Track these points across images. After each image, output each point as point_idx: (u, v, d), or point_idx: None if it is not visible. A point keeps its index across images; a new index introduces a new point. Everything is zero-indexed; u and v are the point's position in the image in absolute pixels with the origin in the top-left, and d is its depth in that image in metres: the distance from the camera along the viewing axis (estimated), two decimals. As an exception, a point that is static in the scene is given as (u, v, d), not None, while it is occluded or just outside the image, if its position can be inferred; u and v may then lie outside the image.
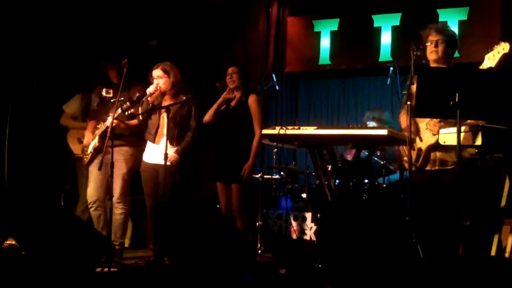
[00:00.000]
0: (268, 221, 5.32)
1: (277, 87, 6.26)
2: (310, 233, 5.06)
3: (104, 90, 5.11)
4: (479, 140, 3.46)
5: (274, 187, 6.18)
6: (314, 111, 7.47)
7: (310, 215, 5.12)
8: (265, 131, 4.43)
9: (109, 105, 5.13)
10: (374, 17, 6.97)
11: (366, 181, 5.36)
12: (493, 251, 3.82)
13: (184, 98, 4.91)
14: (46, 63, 6.33)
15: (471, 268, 3.15)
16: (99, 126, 5.14)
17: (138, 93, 5.06)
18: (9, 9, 6.11)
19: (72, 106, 5.78)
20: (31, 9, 6.30)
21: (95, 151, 5.09)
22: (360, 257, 4.20)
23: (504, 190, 3.85)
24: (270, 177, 6.12)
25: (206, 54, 7.30)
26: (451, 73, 3.56)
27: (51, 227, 3.91)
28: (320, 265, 4.44)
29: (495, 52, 3.73)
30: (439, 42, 4.03)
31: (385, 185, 5.41)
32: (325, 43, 7.21)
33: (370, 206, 5.17)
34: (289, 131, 4.20)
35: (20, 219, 4.02)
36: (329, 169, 5.06)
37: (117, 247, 5.04)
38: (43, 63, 6.30)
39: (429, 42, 4.03)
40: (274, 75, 6.18)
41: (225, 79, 5.00)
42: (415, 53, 3.89)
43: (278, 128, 4.26)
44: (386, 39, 6.89)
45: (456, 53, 4.31)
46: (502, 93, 3.40)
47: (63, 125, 5.79)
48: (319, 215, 5.02)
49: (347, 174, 5.04)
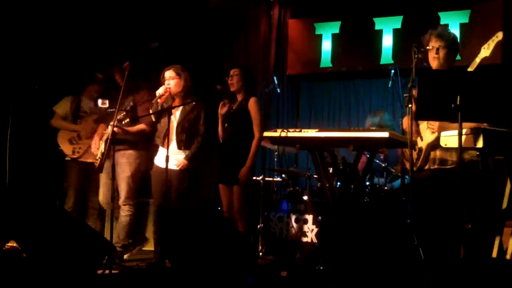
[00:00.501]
0: (269, 223, 5.32)
1: (278, 90, 6.26)
2: (311, 235, 5.05)
3: (100, 100, 5.10)
4: (481, 142, 3.46)
5: (275, 189, 6.18)
6: (315, 114, 7.45)
7: (311, 217, 5.12)
8: (266, 134, 4.42)
9: (108, 112, 5.14)
10: (375, 19, 6.97)
11: (367, 183, 5.36)
12: (494, 253, 3.82)
13: (193, 102, 4.95)
14: (47, 65, 6.34)
15: (472, 270, 3.15)
16: (105, 131, 5.15)
17: (146, 95, 5.10)
18: (12, 10, 6.13)
19: (62, 107, 5.75)
20: (33, 11, 6.32)
21: (103, 156, 5.10)
22: (361, 259, 4.20)
23: (505, 192, 3.85)
24: (271, 179, 6.13)
25: (207, 56, 7.30)
26: (452, 75, 3.56)
27: (51, 228, 3.91)
28: (321, 267, 4.44)
29: (490, 41, 3.76)
30: (440, 48, 4.02)
31: (386, 187, 5.41)
32: (327, 45, 7.21)
33: (371, 208, 5.16)
34: (290, 134, 4.20)
35: (20, 221, 4.02)
36: (331, 171, 5.07)
37: (118, 249, 5.04)
38: (45, 65, 6.31)
39: (430, 47, 4.03)
40: (275, 78, 6.19)
41: (226, 82, 5.01)
42: (416, 55, 3.89)
43: (279, 130, 4.26)
44: (387, 41, 6.89)
45: (457, 56, 4.31)
46: (503, 96, 3.40)
47: (54, 126, 5.74)
48: (320, 217, 5.02)
49: (348, 176, 5.04)
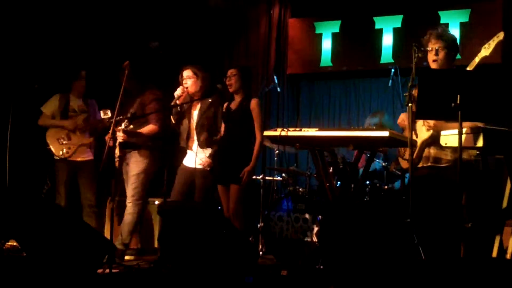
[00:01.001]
0: (269, 222, 5.32)
1: (278, 89, 6.26)
2: (311, 234, 5.05)
3: (101, 111, 5.10)
4: (481, 141, 3.46)
5: (275, 188, 6.18)
6: (315, 113, 7.46)
7: (311, 216, 5.12)
8: (266, 133, 4.43)
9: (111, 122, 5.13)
10: (375, 19, 6.97)
11: (367, 182, 5.35)
12: (495, 253, 3.82)
13: (209, 100, 5.00)
14: (47, 65, 6.34)
15: (473, 269, 3.15)
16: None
17: (151, 95, 5.11)
18: (12, 10, 6.13)
19: (49, 106, 5.72)
20: (33, 11, 6.32)
21: (120, 160, 5.08)
22: (361, 258, 4.19)
23: (505, 191, 3.85)
24: (271, 178, 6.13)
25: (207, 55, 7.29)
26: (453, 75, 3.56)
27: (51, 227, 3.92)
28: (321, 267, 4.44)
29: (491, 41, 3.77)
30: (440, 49, 4.01)
31: (386, 187, 5.41)
32: (327, 45, 7.21)
33: (371, 207, 5.16)
34: (291, 133, 4.20)
35: (20, 220, 4.02)
36: (331, 170, 5.07)
37: (120, 247, 5.04)
38: (44, 65, 6.30)
39: (429, 48, 4.03)
40: (275, 77, 6.18)
41: (226, 81, 5.01)
42: (416, 54, 3.89)
43: (279, 129, 4.26)
44: (387, 41, 6.89)
45: (457, 55, 4.31)
46: (503, 95, 3.40)
47: (42, 126, 5.70)
48: (320, 216, 5.02)
49: (348, 175, 5.04)
